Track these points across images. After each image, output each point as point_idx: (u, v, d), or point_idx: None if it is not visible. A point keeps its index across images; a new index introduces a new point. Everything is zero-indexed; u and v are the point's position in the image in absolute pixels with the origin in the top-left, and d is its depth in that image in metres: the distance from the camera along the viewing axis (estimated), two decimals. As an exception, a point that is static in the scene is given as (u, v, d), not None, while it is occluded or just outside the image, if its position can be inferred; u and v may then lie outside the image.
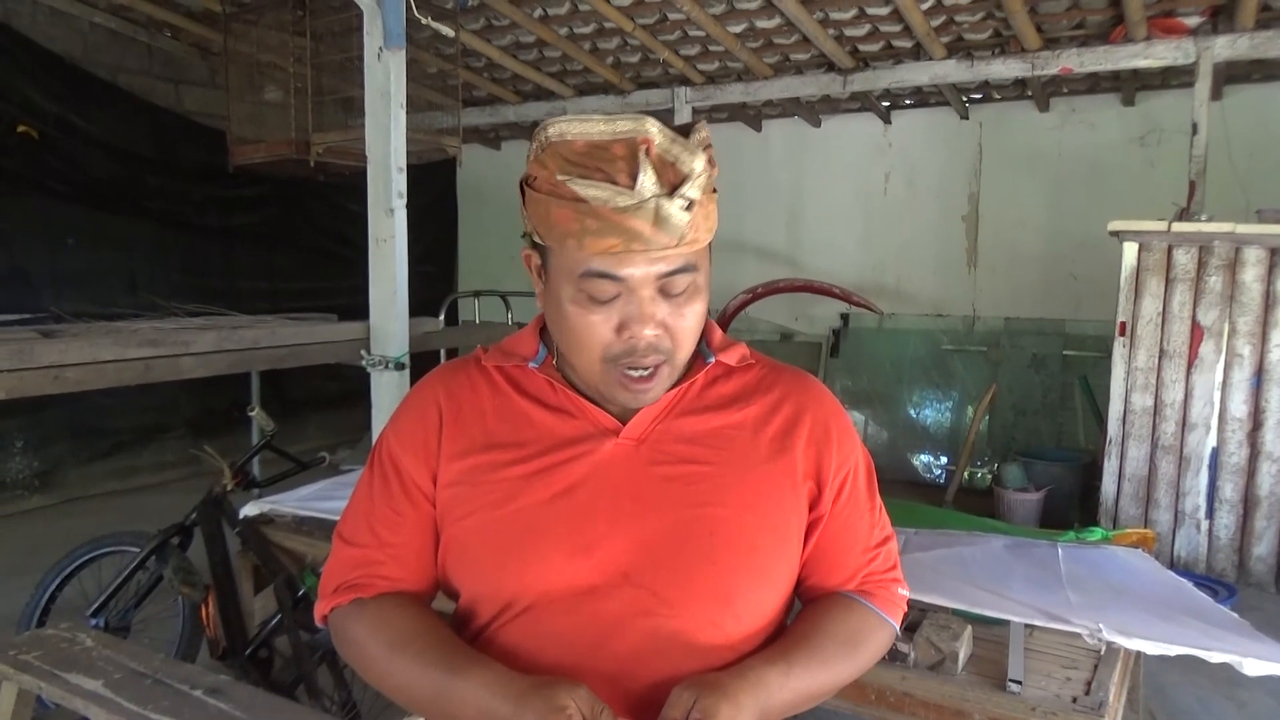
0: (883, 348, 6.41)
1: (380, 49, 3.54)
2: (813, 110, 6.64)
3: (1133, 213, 4.39)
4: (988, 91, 6.05)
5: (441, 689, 1.01)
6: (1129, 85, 5.59)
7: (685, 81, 5.91)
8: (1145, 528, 4.25)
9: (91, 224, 5.58)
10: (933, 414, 6.17)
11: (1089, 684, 1.79)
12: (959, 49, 5.09)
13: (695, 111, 6.22)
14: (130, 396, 5.51)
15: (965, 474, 5.78)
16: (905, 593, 1.24)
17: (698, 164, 0.95)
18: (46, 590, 2.92)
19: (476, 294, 6.28)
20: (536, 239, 1.04)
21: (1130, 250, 4.29)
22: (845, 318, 6.58)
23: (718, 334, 1.17)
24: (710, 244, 1.06)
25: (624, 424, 1.09)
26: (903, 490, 5.73)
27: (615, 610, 1.03)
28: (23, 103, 5.23)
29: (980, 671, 1.86)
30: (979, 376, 5.99)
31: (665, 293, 1.00)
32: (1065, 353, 5.78)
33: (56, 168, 5.41)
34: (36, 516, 5.21)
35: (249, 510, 2.73)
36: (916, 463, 6.13)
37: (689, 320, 1.02)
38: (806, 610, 1.17)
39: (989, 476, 5.58)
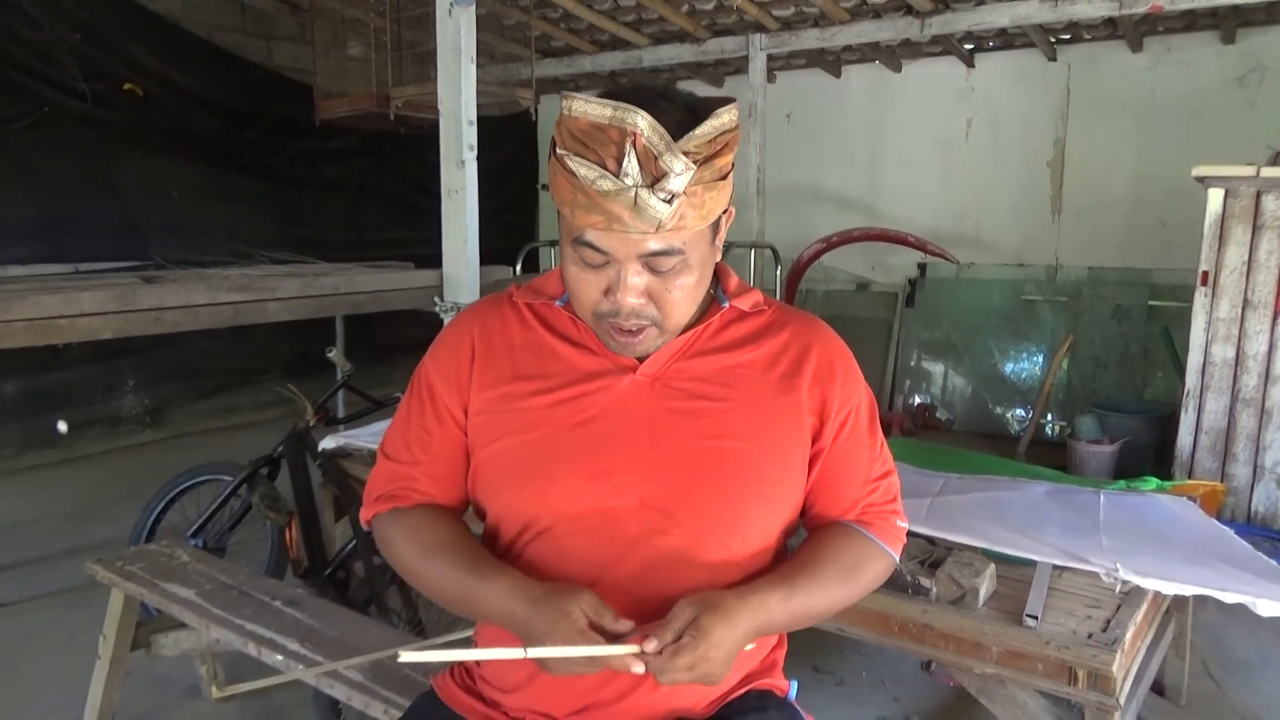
0: (961, 297, 6.31)
1: (451, 4, 3.64)
2: (893, 55, 6.49)
3: (1230, 157, 4.21)
4: (1077, 32, 5.81)
5: (469, 590, 1.14)
6: (1229, 22, 5.30)
7: (760, 28, 5.85)
8: (1221, 481, 4.16)
9: (192, 177, 5.91)
10: (1012, 365, 6.08)
11: (1108, 622, 1.84)
12: (1043, -12, 4.92)
13: (771, 59, 6.17)
14: (230, 340, 5.87)
15: (1045, 426, 5.71)
16: (904, 525, 1.31)
17: (677, 165, 1.00)
18: (152, 513, 3.20)
19: (553, 243, 6.42)
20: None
21: (1215, 196, 4.13)
22: (923, 267, 6.49)
23: (734, 280, 1.25)
24: (720, 221, 1.12)
25: (641, 362, 1.18)
26: (979, 442, 5.68)
27: (631, 530, 1.14)
28: (128, 61, 5.54)
29: (1002, 608, 1.92)
30: (1060, 327, 5.87)
31: (651, 268, 1.07)
32: (1151, 303, 5.61)
33: (160, 123, 5.72)
34: (148, 450, 5.63)
35: (327, 444, 2.94)
36: (996, 414, 6.07)
37: (676, 293, 1.09)
38: (810, 537, 1.27)
39: (1068, 429, 5.50)
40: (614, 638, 1.04)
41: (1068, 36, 5.92)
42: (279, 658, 1.93)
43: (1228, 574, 1.87)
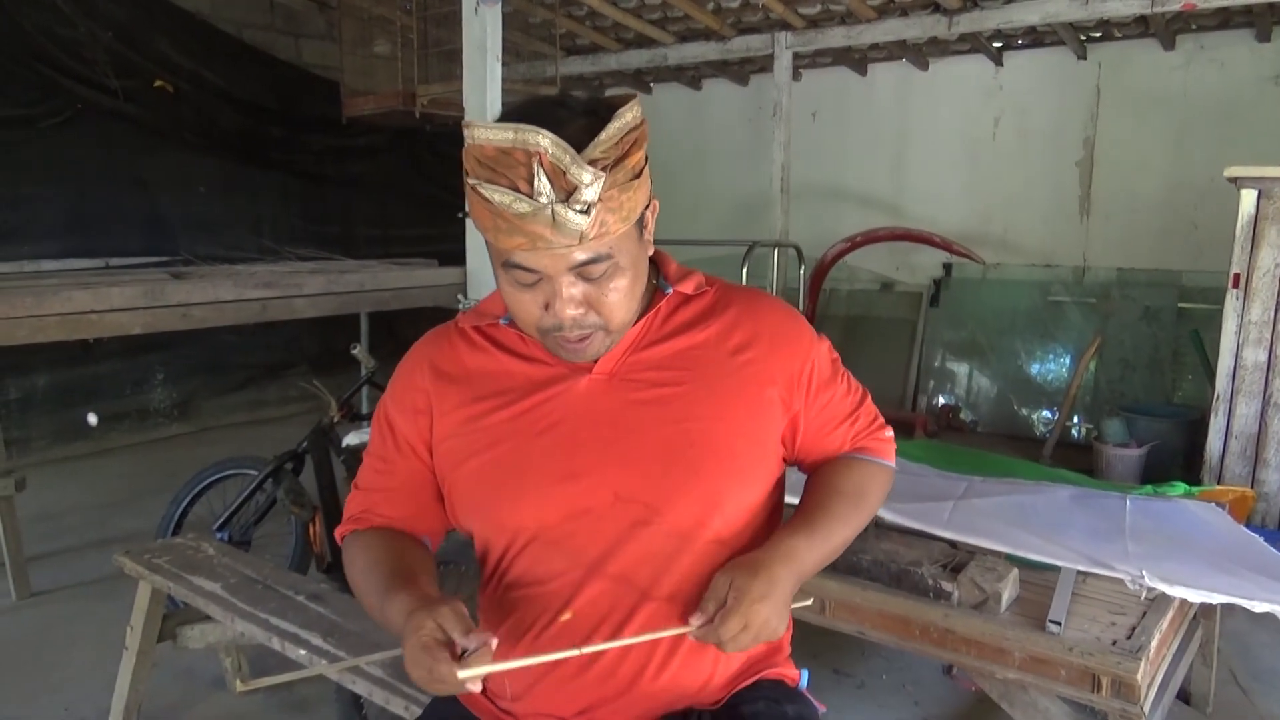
0: (986, 298, 6.26)
1: (478, 3, 3.66)
2: (920, 53, 6.44)
3: (1265, 157, 4.14)
4: (1108, 30, 5.74)
5: (382, 608, 1.15)
6: (1264, 19, 5.21)
7: (786, 26, 5.83)
8: (1251, 487, 4.09)
9: (221, 173, 5.98)
10: (1038, 367, 6.02)
11: (1133, 629, 1.82)
12: (1073, -15, 4.86)
13: (797, 57, 6.14)
14: (258, 336, 5.94)
15: (1072, 429, 5.65)
16: (890, 434, 1.37)
17: (586, 175, 0.99)
18: (179, 506, 3.24)
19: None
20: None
21: (1248, 197, 4.06)
22: (948, 267, 6.44)
23: (673, 265, 1.26)
24: (644, 217, 1.11)
25: (595, 362, 1.18)
26: (1003, 444, 5.63)
27: (612, 526, 1.15)
28: (158, 58, 5.62)
29: (1025, 613, 1.91)
30: (1088, 328, 5.80)
31: (584, 277, 1.07)
32: (1181, 305, 5.53)
33: (189, 120, 5.80)
34: (176, 443, 5.71)
35: (350, 440, 2.97)
36: (1021, 416, 6.01)
37: (613, 296, 1.10)
38: (813, 477, 1.32)
39: (1094, 431, 5.44)
40: (463, 649, 1.02)
41: (1098, 34, 5.84)
42: (302, 652, 1.95)
43: (1256, 582, 1.85)
